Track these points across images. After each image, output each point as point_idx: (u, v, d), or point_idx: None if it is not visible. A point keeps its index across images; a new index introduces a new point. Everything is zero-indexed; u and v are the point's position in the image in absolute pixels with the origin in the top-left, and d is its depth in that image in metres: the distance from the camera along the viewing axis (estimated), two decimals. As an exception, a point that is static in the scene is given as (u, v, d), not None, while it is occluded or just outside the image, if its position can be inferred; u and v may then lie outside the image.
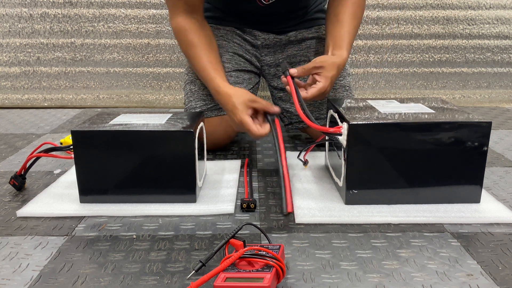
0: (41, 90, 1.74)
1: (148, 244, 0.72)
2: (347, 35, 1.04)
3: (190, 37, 1.05)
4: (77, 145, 0.81)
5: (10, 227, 0.78)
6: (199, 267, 0.63)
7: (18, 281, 0.63)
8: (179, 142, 0.81)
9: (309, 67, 0.95)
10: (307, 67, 0.95)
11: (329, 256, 0.68)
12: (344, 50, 1.02)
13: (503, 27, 1.69)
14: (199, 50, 1.04)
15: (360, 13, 1.08)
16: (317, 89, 0.94)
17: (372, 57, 1.71)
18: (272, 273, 0.58)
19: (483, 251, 0.69)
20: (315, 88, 0.94)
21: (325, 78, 0.95)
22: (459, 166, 0.81)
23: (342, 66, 0.99)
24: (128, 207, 0.83)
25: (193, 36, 1.05)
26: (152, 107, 1.75)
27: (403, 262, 0.66)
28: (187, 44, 1.06)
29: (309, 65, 0.96)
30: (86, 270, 0.65)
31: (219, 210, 0.82)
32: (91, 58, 1.70)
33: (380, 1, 1.66)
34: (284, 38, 1.23)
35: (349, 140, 0.80)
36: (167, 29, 1.67)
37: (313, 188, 0.91)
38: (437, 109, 0.87)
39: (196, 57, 1.04)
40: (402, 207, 0.82)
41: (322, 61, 0.96)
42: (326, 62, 0.96)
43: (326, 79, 0.95)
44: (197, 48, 1.04)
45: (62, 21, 1.66)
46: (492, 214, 0.79)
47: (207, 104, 1.14)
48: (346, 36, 1.04)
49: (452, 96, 1.76)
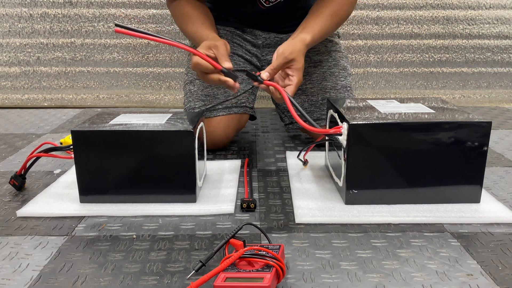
0: (41, 90, 1.74)
1: (148, 244, 0.72)
2: (319, 27, 1.02)
3: (185, 9, 1.05)
4: (77, 145, 0.81)
5: (10, 227, 0.78)
6: (199, 267, 0.63)
7: (18, 281, 0.63)
8: (179, 142, 0.81)
9: (279, 64, 0.91)
10: (277, 65, 0.91)
11: (329, 256, 0.68)
12: (308, 34, 0.98)
13: (503, 27, 1.69)
14: (194, 18, 1.04)
15: (343, 12, 1.06)
16: (294, 85, 0.91)
17: (372, 57, 1.71)
18: (272, 273, 0.58)
19: (483, 251, 0.69)
20: (293, 85, 0.91)
21: (297, 71, 0.92)
22: (459, 166, 0.81)
23: (305, 50, 0.96)
24: (128, 207, 0.83)
25: (188, 8, 1.05)
26: (152, 107, 1.75)
27: (403, 262, 0.66)
28: (182, 16, 1.06)
29: (279, 62, 0.91)
30: (86, 270, 0.65)
31: (219, 210, 0.82)
32: (91, 58, 1.70)
33: (380, 1, 1.66)
34: (285, 37, 1.23)
35: (349, 140, 0.79)
36: (167, 29, 1.67)
37: (313, 188, 0.91)
38: (437, 109, 0.87)
39: (189, 24, 1.04)
40: (402, 207, 0.82)
41: (291, 52, 0.92)
42: (293, 53, 0.92)
43: (299, 71, 0.92)
44: (191, 17, 1.04)
45: (62, 21, 1.66)
46: (492, 214, 0.79)
47: (206, 105, 1.14)
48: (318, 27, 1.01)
49: (452, 96, 1.76)
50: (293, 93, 0.91)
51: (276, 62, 0.91)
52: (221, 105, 1.14)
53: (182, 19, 1.07)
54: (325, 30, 1.04)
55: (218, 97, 1.15)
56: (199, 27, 1.03)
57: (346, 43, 1.69)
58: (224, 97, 1.15)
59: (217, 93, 1.15)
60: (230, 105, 1.15)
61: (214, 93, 1.15)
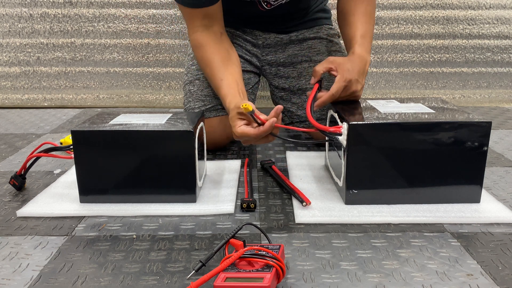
0: (41, 90, 1.74)
1: (148, 244, 0.72)
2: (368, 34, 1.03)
3: (207, 54, 1.03)
4: (77, 145, 0.81)
5: (10, 227, 0.78)
6: (199, 267, 0.63)
7: (18, 281, 0.63)
8: (179, 142, 0.81)
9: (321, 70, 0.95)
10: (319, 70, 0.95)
11: (329, 256, 0.68)
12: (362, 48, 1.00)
13: (503, 27, 1.69)
14: (214, 68, 1.02)
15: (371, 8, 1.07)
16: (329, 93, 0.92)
17: (372, 57, 1.71)
18: (272, 273, 0.58)
19: (483, 251, 0.69)
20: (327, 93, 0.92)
21: (337, 82, 0.93)
22: (459, 166, 0.81)
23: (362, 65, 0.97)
24: (128, 207, 0.83)
25: (209, 53, 1.03)
26: (152, 107, 1.75)
27: (403, 262, 0.66)
28: (203, 62, 1.04)
29: (321, 68, 0.95)
30: (86, 270, 0.65)
31: (219, 210, 0.82)
32: (91, 58, 1.70)
33: (380, 1, 1.66)
34: (286, 37, 1.23)
35: (349, 140, 0.80)
36: (167, 29, 1.67)
37: (313, 188, 0.91)
38: (437, 109, 0.87)
39: (211, 76, 1.03)
40: (402, 207, 0.82)
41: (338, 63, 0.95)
42: (342, 65, 0.94)
43: (337, 82, 0.92)
44: (212, 66, 1.02)
45: (62, 21, 1.66)
46: (492, 214, 0.79)
47: (206, 105, 1.14)
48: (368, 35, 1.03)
49: (452, 96, 1.76)
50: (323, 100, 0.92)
51: (319, 67, 0.96)
52: (221, 105, 1.14)
53: (203, 65, 1.06)
54: (371, 33, 1.05)
55: (218, 98, 1.14)
56: (219, 83, 1.01)
57: (346, 43, 1.69)
58: None
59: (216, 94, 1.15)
60: None
61: (214, 93, 1.15)
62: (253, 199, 0.84)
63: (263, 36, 1.22)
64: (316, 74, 0.96)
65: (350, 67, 0.94)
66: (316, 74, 0.96)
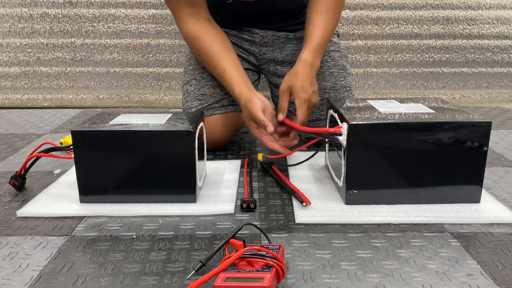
0: (41, 90, 1.74)
1: (148, 244, 0.72)
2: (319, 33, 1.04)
3: (202, 44, 1.06)
4: (77, 145, 0.81)
5: (10, 227, 0.78)
6: (199, 267, 0.63)
7: (18, 281, 0.63)
8: (179, 142, 0.81)
9: (285, 104, 0.98)
10: (284, 105, 0.98)
11: (329, 256, 0.68)
12: (309, 51, 1.01)
13: (503, 27, 1.69)
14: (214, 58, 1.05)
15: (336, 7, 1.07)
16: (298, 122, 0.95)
17: (372, 57, 1.71)
18: (272, 273, 0.58)
19: (483, 251, 0.69)
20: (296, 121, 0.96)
21: (299, 108, 0.96)
22: (459, 166, 0.81)
23: (309, 71, 0.99)
24: (128, 207, 0.83)
25: (205, 43, 1.06)
26: (152, 107, 1.75)
27: (403, 262, 0.66)
28: (201, 53, 1.07)
29: (284, 102, 0.98)
30: (86, 270, 0.65)
31: (219, 210, 0.82)
32: (91, 58, 1.70)
33: (380, 1, 1.66)
34: (283, 35, 1.22)
35: (349, 140, 0.80)
36: (167, 29, 1.67)
37: (313, 188, 0.91)
38: (437, 109, 0.87)
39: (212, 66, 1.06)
40: (402, 207, 0.82)
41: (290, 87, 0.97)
42: (294, 87, 0.97)
43: (299, 107, 0.96)
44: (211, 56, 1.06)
45: (62, 21, 1.66)
46: (492, 214, 0.79)
47: (202, 104, 1.14)
48: (318, 33, 1.03)
49: (452, 96, 1.76)
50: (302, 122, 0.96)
51: (281, 103, 0.99)
52: (218, 103, 1.14)
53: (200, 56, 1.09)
54: (327, 34, 1.05)
55: (215, 96, 1.14)
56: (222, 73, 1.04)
57: (346, 43, 1.69)
58: (220, 96, 1.14)
59: (213, 92, 1.15)
60: (227, 104, 1.15)
61: (211, 92, 1.15)
62: (253, 199, 0.84)
63: (260, 34, 1.22)
64: (283, 111, 0.98)
65: (302, 84, 0.97)
66: (283, 111, 0.98)
